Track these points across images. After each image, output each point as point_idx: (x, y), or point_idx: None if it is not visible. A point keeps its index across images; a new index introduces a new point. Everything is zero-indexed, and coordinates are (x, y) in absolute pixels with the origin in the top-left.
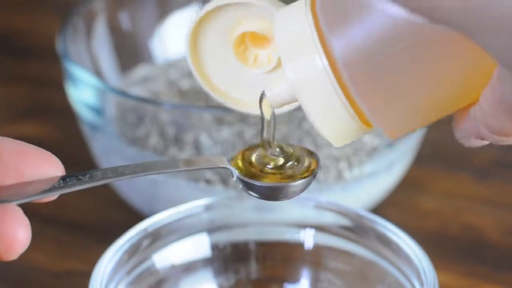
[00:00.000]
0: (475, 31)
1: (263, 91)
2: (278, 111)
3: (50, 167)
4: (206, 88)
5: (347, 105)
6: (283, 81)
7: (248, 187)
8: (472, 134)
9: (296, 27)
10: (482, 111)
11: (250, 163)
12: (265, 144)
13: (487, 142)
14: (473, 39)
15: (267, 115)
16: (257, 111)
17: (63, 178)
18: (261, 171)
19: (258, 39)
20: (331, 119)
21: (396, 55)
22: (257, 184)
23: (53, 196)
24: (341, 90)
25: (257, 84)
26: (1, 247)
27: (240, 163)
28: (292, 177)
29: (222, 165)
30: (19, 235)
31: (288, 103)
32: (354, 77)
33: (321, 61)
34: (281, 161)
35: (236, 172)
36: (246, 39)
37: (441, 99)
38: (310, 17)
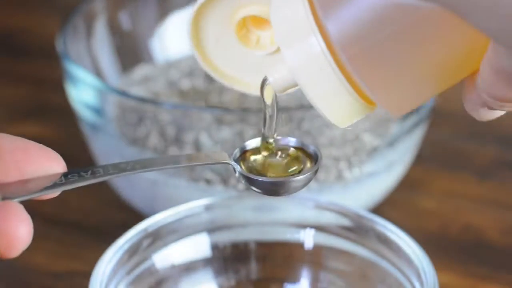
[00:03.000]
0: (468, 13)
1: (265, 77)
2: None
3: (51, 163)
4: (209, 70)
5: (347, 85)
6: (284, 66)
7: (250, 182)
8: (477, 103)
9: (291, 11)
10: (485, 81)
11: (252, 158)
12: (267, 133)
13: (495, 114)
14: (467, 20)
15: (269, 100)
16: (257, 92)
17: (65, 175)
18: (263, 166)
19: (260, 21)
20: (332, 100)
21: (391, 36)
22: (259, 179)
23: (55, 193)
24: (340, 72)
25: (261, 65)
26: (2, 244)
27: (241, 159)
28: (294, 172)
29: (224, 161)
30: (21, 231)
31: (291, 87)
32: (352, 58)
33: (318, 44)
34: (282, 156)
35: (238, 168)
36: (248, 22)
37: (440, 73)
38: (305, 1)
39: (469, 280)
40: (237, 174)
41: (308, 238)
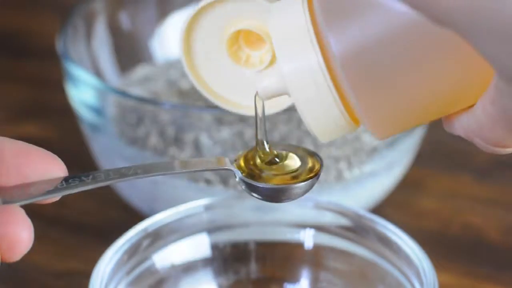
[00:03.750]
0: (473, 35)
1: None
2: (273, 109)
3: (53, 168)
4: (198, 86)
5: (339, 101)
6: (273, 73)
7: (251, 188)
8: (462, 135)
9: (292, 21)
10: (479, 122)
11: (253, 164)
12: (258, 144)
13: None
14: (472, 43)
15: (260, 110)
16: (245, 112)
17: (66, 179)
18: (264, 172)
19: (252, 39)
20: (320, 114)
21: (392, 55)
22: (260, 185)
23: (55, 197)
24: (334, 87)
25: (248, 85)
26: (3, 248)
27: (242, 164)
28: (295, 179)
29: (225, 167)
30: (22, 236)
31: (277, 95)
32: (350, 74)
33: (316, 57)
34: (284, 162)
35: (239, 174)
36: (240, 38)
37: (437, 101)
38: (307, 12)
39: (469, 280)
40: (237, 179)
41: (308, 238)
